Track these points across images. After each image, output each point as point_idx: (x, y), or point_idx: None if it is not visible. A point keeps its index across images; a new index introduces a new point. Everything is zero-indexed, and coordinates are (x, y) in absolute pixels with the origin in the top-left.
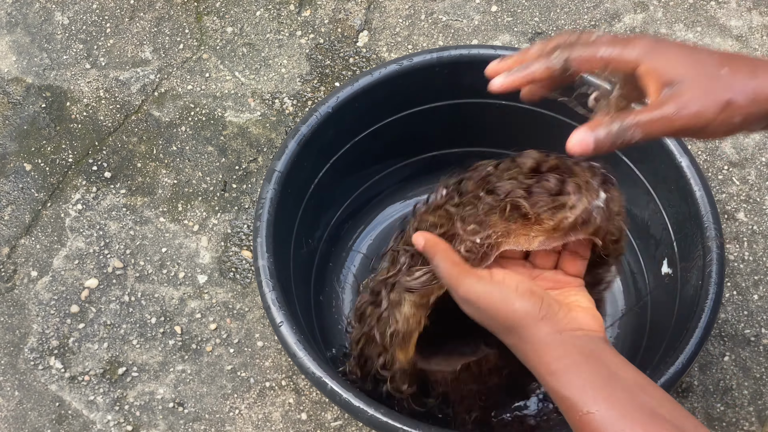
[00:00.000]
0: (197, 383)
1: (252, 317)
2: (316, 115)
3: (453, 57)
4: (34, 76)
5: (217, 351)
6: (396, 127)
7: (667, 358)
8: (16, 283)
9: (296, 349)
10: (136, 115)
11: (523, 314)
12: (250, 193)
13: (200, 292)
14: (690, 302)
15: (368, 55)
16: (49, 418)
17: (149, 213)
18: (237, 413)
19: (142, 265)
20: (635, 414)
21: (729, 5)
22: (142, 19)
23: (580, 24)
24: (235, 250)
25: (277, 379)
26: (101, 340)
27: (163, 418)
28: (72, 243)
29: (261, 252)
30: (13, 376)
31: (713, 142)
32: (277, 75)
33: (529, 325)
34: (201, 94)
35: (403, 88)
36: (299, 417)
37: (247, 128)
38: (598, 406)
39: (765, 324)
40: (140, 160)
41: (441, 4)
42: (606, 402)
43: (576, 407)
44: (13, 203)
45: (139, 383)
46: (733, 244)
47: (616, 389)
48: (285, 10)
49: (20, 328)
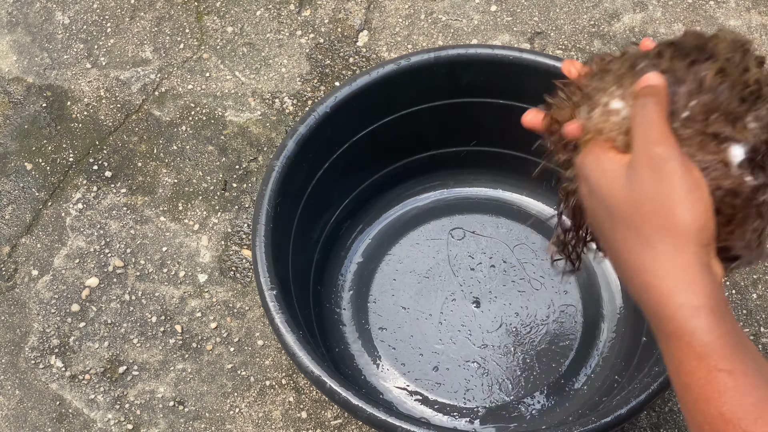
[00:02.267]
0: (197, 382)
1: (252, 316)
2: (314, 114)
3: (451, 56)
4: (34, 75)
5: (218, 350)
6: (394, 126)
7: None
8: (17, 282)
9: (295, 348)
10: (136, 114)
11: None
12: (250, 193)
13: (200, 291)
14: None
15: (368, 55)
16: (49, 417)
17: (150, 212)
18: (237, 412)
19: (143, 264)
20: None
21: (728, 5)
22: (142, 19)
23: (580, 24)
24: (235, 249)
25: (278, 378)
26: (102, 339)
27: (164, 416)
28: (73, 242)
29: (260, 251)
30: (14, 375)
31: None
32: (277, 74)
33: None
34: (201, 93)
35: (401, 88)
36: (299, 415)
37: (248, 128)
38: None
39: (764, 323)
40: (141, 160)
41: (441, 4)
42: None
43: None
44: (14, 202)
45: (139, 382)
46: None
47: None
48: (285, 9)
49: (21, 327)
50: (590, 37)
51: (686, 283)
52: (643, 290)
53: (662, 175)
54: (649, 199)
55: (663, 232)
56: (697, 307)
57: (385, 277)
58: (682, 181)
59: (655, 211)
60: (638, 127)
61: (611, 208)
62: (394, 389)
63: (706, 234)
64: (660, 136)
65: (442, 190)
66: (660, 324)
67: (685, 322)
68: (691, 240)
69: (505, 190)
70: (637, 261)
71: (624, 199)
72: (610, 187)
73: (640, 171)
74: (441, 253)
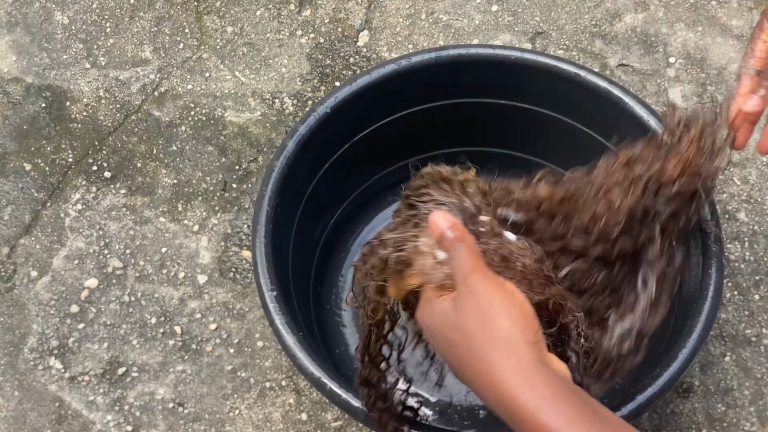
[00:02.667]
0: (197, 383)
1: (252, 317)
2: (314, 115)
3: (452, 56)
4: (33, 75)
5: (217, 351)
6: (395, 126)
7: (666, 357)
8: (16, 283)
9: (295, 349)
10: (136, 114)
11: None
12: (250, 193)
13: (200, 292)
14: (690, 302)
15: (368, 55)
16: (48, 419)
17: (149, 213)
18: (237, 413)
19: (142, 265)
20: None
21: (730, 4)
22: (142, 19)
23: (581, 24)
24: (235, 250)
25: (278, 380)
26: (101, 341)
27: (163, 418)
28: (72, 243)
29: (260, 252)
30: (13, 377)
31: None
32: (277, 75)
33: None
34: (201, 93)
35: (401, 88)
36: (299, 417)
37: (248, 128)
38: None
39: (766, 324)
40: (140, 160)
41: (441, 4)
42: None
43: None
44: (13, 203)
45: (139, 383)
46: (734, 244)
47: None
48: (285, 9)
49: (20, 328)
50: (592, 37)
51: (523, 379)
52: (495, 402)
53: (478, 296)
54: (473, 318)
55: (491, 344)
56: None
57: None
58: (494, 295)
59: (481, 328)
60: (455, 266)
61: (449, 337)
62: None
63: (529, 333)
64: (472, 267)
65: None
66: (517, 425)
67: (534, 415)
68: (515, 342)
69: None
70: (480, 376)
71: (457, 325)
72: (445, 322)
73: (462, 299)
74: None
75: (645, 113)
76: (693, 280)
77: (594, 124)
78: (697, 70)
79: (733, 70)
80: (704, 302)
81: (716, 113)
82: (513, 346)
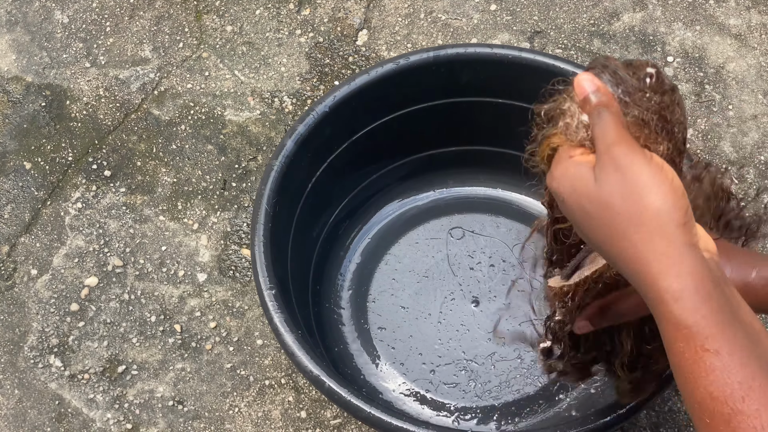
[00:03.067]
0: (197, 381)
1: (251, 315)
2: (313, 114)
3: (450, 56)
4: (33, 74)
5: (217, 349)
6: (393, 125)
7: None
8: (16, 281)
9: (294, 347)
10: (135, 113)
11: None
12: (249, 192)
13: (200, 291)
14: None
15: (367, 54)
16: (48, 417)
17: (149, 211)
18: (236, 411)
19: (142, 264)
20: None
21: (728, 4)
22: (141, 18)
23: (579, 23)
24: (234, 248)
25: (277, 377)
26: (101, 339)
27: (163, 416)
28: (72, 241)
29: (259, 251)
30: (13, 375)
31: (712, 141)
32: (276, 74)
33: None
34: (200, 92)
35: (400, 87)
36: (299, 415)
37: (247, 127)
38: (719, 345)
39: (766, 324)
40: (140, 159)
41: (440, 3)
42: (729, 344)
43: (695, 338)
44: (13, 202)
45: (138, 381)
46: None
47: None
48: (284, 8)
49: (20, 327)
50: (590, 36)
51: (668, 266)
52: (634, 279)
53: (624, 169)
54: (618, 194)
55: (637, 223)
56: (679, 290)
57: (385, 276)
58: (643, 170)
59: (625, 204)
60: (597, 133)
61: (586, 209)
62: (393, 389)
63: (679, 213)
64: (617, 137)
65: (442, 189)
66: (653, 307)
67: (671, 305)
68: (665, 223)
69: (504, 189)
70: (621, 254)
71: (596, 199)
72: (582, 191)
73: (605, 171)
74: (440, 252)
75: None
76: None
77: None
78: (695, 69)
79: (731, 68)
80: None
81: None
82: (661, 229)
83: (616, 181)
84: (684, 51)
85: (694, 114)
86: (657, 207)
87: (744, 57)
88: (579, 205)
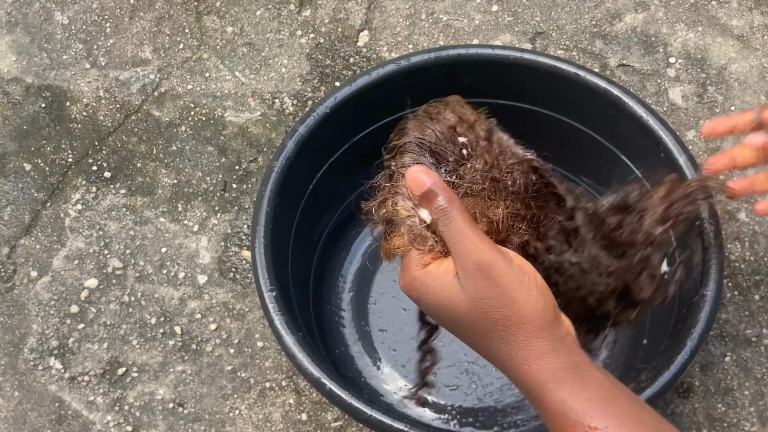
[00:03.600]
0: (197, 384)
1: (252, 317)
2: (314, 115)
3: (451, 57)
4: (33, 75)
5: (217, 351)
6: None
7: (666, 357)
8: (16, 283)
9: (295, 349)
10: (136, 115)
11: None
12: (250, 193)
13: (200, 293)
14: (689, 301)
15: (369, 55)
16: (48, 419)
17: (149, 213)
18: (237, 414)
19: (142, 266)
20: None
21: (730, 5)
22: (142, 19)
23: (581, 24)
24: (235, 250)
25: (278, 380)
26: (101, 341)
27: (163, 418)
28: (72, 243)
29: (259, 252)
30: (13, 377)
31: (714, 142)
32: (277, 75)
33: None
34: (201, 93)
35: (401, 88)
36: (299, 417)
37: (248, 128)
38: (606, 422)
39: (766, 324)
40: (140, 160)
41: (441, 4)
42: (614, 418)
43: (581, 421)
44: (13, 203)
45: (138, 384)
46: (734, 244)
47: (622, 405)
48: (285, 9)
49: (20, 329)
50: (592, 37)
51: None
52: (516, 377)
53: (492, 279)
54: (492, 304)
55: (515, 330)
56: (560, 380)
57: (386, 278)
58: (509, 276)
59: (501, 313)
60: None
61: (458, 321)
62: (395, 391)
63: (549, 313)
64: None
65: None
66: (536, 400)
67: (555, 395)
68: (541, 326)
69: None
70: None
71: (470, 311)
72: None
73: (471, 280)
74: None
75: (644, 113)
76: (693, 280)
77: (593, 124)
78: (698, 70)
79: (734, 70)
80: (704, 302)
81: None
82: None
83: (486, 290)
84: (686, 52)
85: (697, 115)
86: (531, 313)
87: (746, 58)
88: (449, 317)
